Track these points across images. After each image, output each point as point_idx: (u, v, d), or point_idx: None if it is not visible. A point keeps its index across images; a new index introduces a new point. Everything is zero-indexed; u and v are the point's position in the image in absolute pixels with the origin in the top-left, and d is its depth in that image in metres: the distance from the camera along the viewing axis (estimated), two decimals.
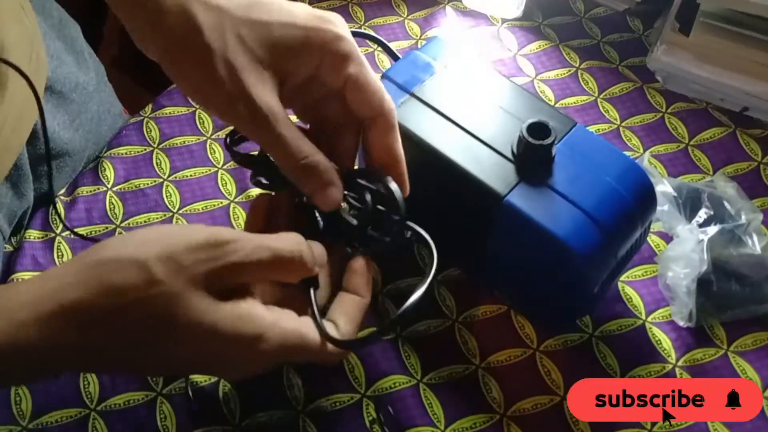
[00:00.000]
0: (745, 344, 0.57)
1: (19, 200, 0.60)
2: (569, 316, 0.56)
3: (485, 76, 0.55)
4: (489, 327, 0.57)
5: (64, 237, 0.61)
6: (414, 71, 0.54)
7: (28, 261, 0.59)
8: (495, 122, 0.52)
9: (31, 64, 0.57)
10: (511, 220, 0.49)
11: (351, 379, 0.55)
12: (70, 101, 0.63)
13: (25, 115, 0.57)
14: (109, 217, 0.63)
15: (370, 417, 0.53)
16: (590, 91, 0.71)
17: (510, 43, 0.75)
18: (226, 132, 0.61)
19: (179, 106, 0.70)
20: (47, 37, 0.62)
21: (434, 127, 0.52)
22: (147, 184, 0.65)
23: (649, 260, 0.60)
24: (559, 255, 0.49)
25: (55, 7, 0.67)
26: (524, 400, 0.54)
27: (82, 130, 0.65)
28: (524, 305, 0.58)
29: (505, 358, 0.56)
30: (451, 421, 0.53)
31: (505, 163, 0.50)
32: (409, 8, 0.78)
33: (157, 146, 0.67)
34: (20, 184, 0.60)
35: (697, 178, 0.65)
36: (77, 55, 0.67)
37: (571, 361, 0.56)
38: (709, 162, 0.66)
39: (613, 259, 0.51)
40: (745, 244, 0.56)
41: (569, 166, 0.50)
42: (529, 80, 0.72)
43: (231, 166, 0.66)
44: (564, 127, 0.52)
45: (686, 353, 0.56)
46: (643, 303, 0.58)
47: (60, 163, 0.63)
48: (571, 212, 0.48)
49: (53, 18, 0.66)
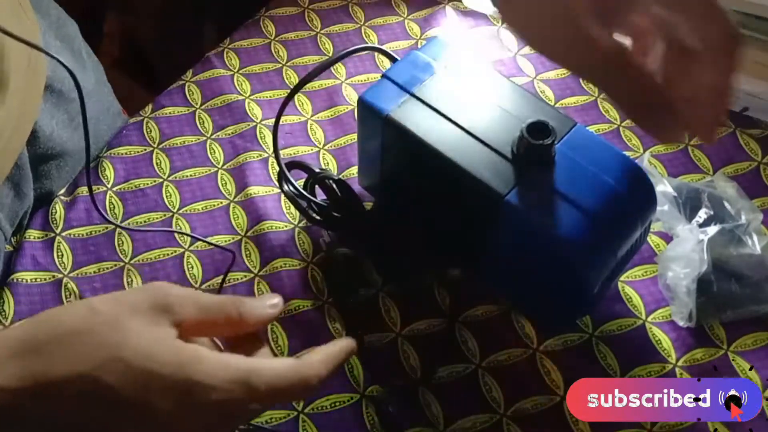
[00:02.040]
0: (745, 344, 0.57)
1: (20, 200, 0.60)
2: (569, 315, 0.56)
3: (485, 76, 0.55)
4: (489, 327, 0.57)
5: (64, 237, 0.61)
6: (414, 71, 0.54)
7: (28, 261, 0.59)
8: (495, 122, 0.52)
9: (30, 64, 0.57)
10: (511, 219, 0.49)
11: (351, 379, 0.55)
12: (69, 100, 0.63)
13: (25, 114, 0.57)
14: (109, 217, 0.63)
15: (369, 417, 0.53)
16: (590, 91, 0.71)
17: (510, 43, 0.75)
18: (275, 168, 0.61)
19: (179, 106, 0.70)
20: (46, 36, 0.62)
21: (434, 127, 0.52)
22: (147, 184, 0.65)
23: (649, 260, 0.60)
24: (559, 255, 0.49)
25: (53, 5, 0.67)
26: (524, 400, 0.54)
27: (82, 130, 0.65)
28: (524, 305, 0.58)
29: (505, 358, 0.56)
30: (451, 421, 0.53)
31: (505, 163, 0.50)
32: (409, 8, 0.78)
33: (157, 146, 0.67)
34: (21, 184, 0.60)
35: (697, 178, 0.65)
36: (75, 55, 0.67)
37: (571, 361, 0.56)
38: (709, 162, 0.66)
39: (613, 259, 0.51)
40: (745, 244, 0.56)
41: (569, 166, 0.50)
42: (529, 80, 0.72)
43: (231, 166, 0.66)
44: (564, 127, 0.52)
45: (686, 353, 0.56)
46: (643, 303, 0.58)
47: (59, 163, 0.63)
48: (571, 212, 0.48)
49: (51, 17, 0.65)
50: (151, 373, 0.37)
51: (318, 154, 0.67)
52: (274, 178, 0.65)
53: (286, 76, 0.72)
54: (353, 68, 0.73)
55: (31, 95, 0.57)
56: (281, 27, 0.76)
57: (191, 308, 0.40)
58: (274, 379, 0.39)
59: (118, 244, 0.61)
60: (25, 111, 0.57)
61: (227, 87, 0.71)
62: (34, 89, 0.58)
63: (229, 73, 0.72)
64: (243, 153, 0.67)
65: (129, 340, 0.37)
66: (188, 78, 0.72)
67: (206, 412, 0.38)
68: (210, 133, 0.68)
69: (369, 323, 0.54)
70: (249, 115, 0.69)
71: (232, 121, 0.69)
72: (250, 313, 0.42)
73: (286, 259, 0.61)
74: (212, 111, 0.70)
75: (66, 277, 0.59)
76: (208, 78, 0.72)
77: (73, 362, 0.36)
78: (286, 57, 0.74)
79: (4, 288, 0.58)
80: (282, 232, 0.62)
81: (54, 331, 0.37)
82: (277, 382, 0.39)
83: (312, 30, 0.76)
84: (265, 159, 0.66)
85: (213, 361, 0.38)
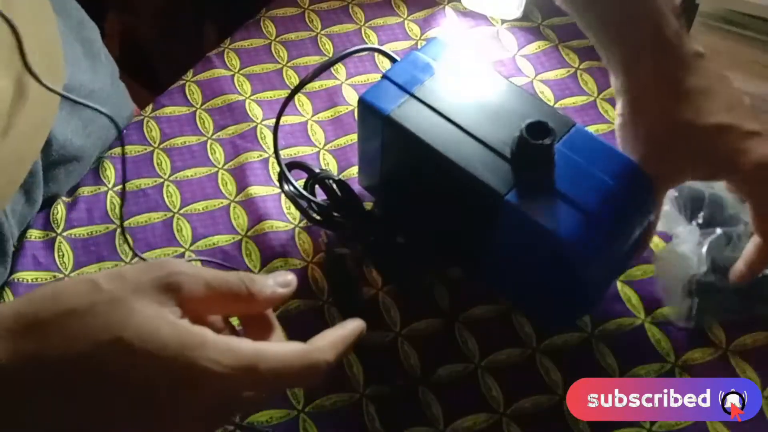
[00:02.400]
0: (744, 344, 0.57)
1: (30, 206, 0.60)
2: (569, 315, 0.56)
3: (485, 77, 0.55)
4: (489, 327, 0.57)
5: (64, 237, 0.61)
6: (414, 72, 0.54)
7: (28, 261, 0.60)
8: (495, 122, 0.52)
9: (50, 72, 0.56)
10: (511, 219, 0.49)
11: (351, 378, 0.55)
12: (83, 108, 0.63)
13: (41, 123, 0.57)
14: (110, 217, 0.63)
15: (369, 417, 0.53)
16: (589, 92, 0.71)
17: (509, 43, 0.75)
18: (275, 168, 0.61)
19: (179, 106, 0.70)
20: (66, 41, 0.62)
21: (434, 127, 0.52)
22: (147, 184, 0.65)
23: (649, 260, 0.60)
24: (559, 255, 0.49)
25: (75, 6, 0.66)
26: (524, 400, 0.54)
27: (94, 137, 0.65)
28: (524, 305, 0.58)
29: (505, 357, 0.56)
30: (451, 420, 0.53)
31: (505, 164, 0.50)
32: (409, 9, 0.78)
33: (158, 146, 0.67)
34: (33, 191, 0.60)
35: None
36: (94, 60, 0.67)
37: (570, 361, 0.56)
38: None
39: (612, 259, 0.51)
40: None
41: (569, 166, 0.50)
42: (529, 81, 0.72)
43: (231, 166, 0.66)
44: (563, 127, 0.52)
45: (685, 353, 0.56)
46: (642, 303, 0.58)
47: (69, 168, 0.63)
48: (570, 212, 0.48)
49: (72, 19, 0.65)
50: (151, 355, 0.35)
51: (318, 155, 0.67)
52: (274, 178, 0.65)
53: (287, 76, 0.72)
54: (353, 68, 0.73)
55: (49, 103, 0.57)
56: (281, 27, 0.76)
57: (198, 285, 0.39)
58: (281, 366, 0.38)
59: (118, 244, 0.61)
60: (43, 119, 0.57)
61: (228, 87, 0.71)
62: (51, 97, 0.58)
63: (229, 73, 0.72)
64: (243, 153, 0.67)
65: (131, 321, 0.36)
66: (189, 78, 0.72)
67: (207, 396, 0.36)
68: (210, 133, 0.68)
69: (369, 323, 0.54)
70: (249, 116, 0.69)
71: (233, 121, 0.69)
72: (260, 292, 0.41)
73: (286, 258, 0.61)
74: (213, 111, 0.70)
75: (67, 277, 0.59)
76: (208, 78, 0.72)
77: (72, 342, 0.35)
78: (287, 57, 0.74)
79: (4, 288, 0.58)
80: (282, 232, 0.62)
81: (54, 308, 0.36)
82: (283, 368, 0.38)
83: (312, 30, 0.76)
84: (265, 159, 0.66)
85: (218, 345, 0.37)
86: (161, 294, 0.38)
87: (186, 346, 0.36)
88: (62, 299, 0.36)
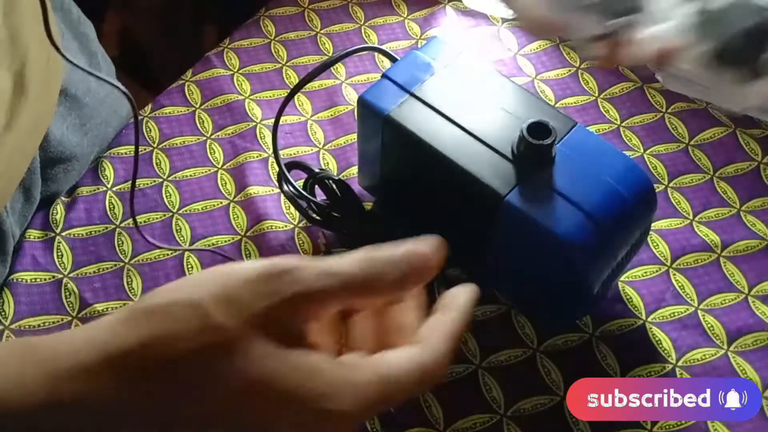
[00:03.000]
0: (745, 344, 0.57)
1: (29, 204, 0.60)
2: (569, 316, 0.56)
3: (485, 76, 0.55)
4: (489, 327, 0.57)
5: (63, 237, 0.61)
6: (414, 71, 0.54)
7: (28, 261, 0.59)
8: (495, 122, 0.52)
9: (49, 68, 0.56)
10: (512, 219, 0.49)
11: None
12: (82, 105, 0.63)
13: (41, 118, 0.57)
14: (109, 217, 0.63)
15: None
16: (590, 91, 0.71)
17: (510, 42, 0.75)
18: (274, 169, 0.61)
19: (179, 106, 0.70)
20: (64, 37, 0.61)
21: (434, 126, 0.52)
22: (147, 184, 0.65)
23: (649, 260, 0.60)
24: (560, 255, 0.49)
25: (73, 4, 0.67)
26: (524, 400, 0.54)
27: (91, 134, 0.65)
28: (524, 305, 0.58)
29: (505, 358, 0.56)
30: (451, 421, 0.53)
31: (506, 163, 0.50)
32: (409, 8, 0.78)
33: (157, 146, 0.67)
34: (32, 188, 0.60)
35: (698, 178, 0.65)
36: (91, 58, 0.67)
37: (571, 361, 0.56)
38: (710, 162, 0.66)
39: (613, 259, 0.51)
40: None
41: (569, 166, 0.50)
42: (529, 80, 0.72)
43: (231, 165, 0.66)
44: (564, 127, 0.52)
45: (686, 353, 0.56)
46: (643, 303, 0.58)
47: (67, 167, 0.63)
48: (571, 212, 0.48)
49: (72, 15, 0.65)
50: (279, 411, 0.31)
51: (318, 154, 0.67)
52: (273, 178, 0.65)
53: (286, 76, 0.72)
54: (353, 68, 0.73)
55: (48, 99, 0.57)
56: (281, 27, 0.76)
57: (328, 305, 0.33)
58: (406, 385, 0.33)
59: (117, 244, 0.61)
60: (42, 114, 0.57)
61: (227, 87, 0.71)
62: (50, 93, 0.58)
63: (229, 72, 0.72)
64: (243, 153, 0.67)
65: (250, 373, 0.31)
66: (188, 78, 0.72)
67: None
68: (210, 133, 0.68)
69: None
70: (249, 115, 0.69)
71: (232, 121, 0.69)
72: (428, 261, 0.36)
73: None
74: (212, 111, 0.70)
75: (66, 277, 0.59)
76: (207, 78, 0.72)
77: (195, 405, 0.31)
78: (286, 57, 0.74)
79: (4, 288, 0.58)
80: (282, 232, 0.62)
81: (166, 355, 0.31)
82: (407, 386, 0.33)
83: (312, 30, 0.76)
84: (264, 159, 0.66)
85: (349, 392, 0.31)
86: (284, 331, 0.32)
87: (318, 397, 0.31)
88: (175, 344, 0.31)
